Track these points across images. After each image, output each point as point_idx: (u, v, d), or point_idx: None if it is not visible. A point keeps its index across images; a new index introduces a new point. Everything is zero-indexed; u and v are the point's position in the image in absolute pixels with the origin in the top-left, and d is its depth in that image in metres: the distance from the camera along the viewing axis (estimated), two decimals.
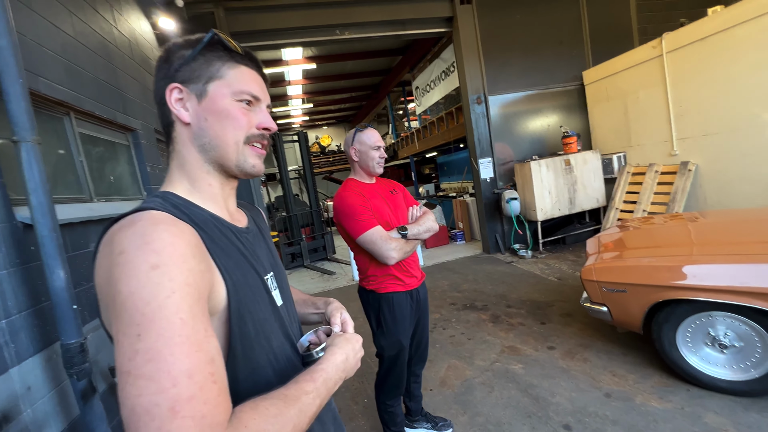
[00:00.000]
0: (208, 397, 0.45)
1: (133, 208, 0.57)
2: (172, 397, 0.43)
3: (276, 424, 0.49)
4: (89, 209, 2.21)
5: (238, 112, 0.64)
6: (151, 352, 0.44)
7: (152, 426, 0.42)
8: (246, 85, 0.65)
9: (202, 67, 0.63)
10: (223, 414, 0.46)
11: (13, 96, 1.54)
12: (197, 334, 0.48)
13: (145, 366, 0.44)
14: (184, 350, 0.46)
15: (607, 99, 5.91)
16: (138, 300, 0.46)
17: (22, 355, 1.52)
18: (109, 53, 2.98)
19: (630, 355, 2.68)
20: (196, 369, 0.46)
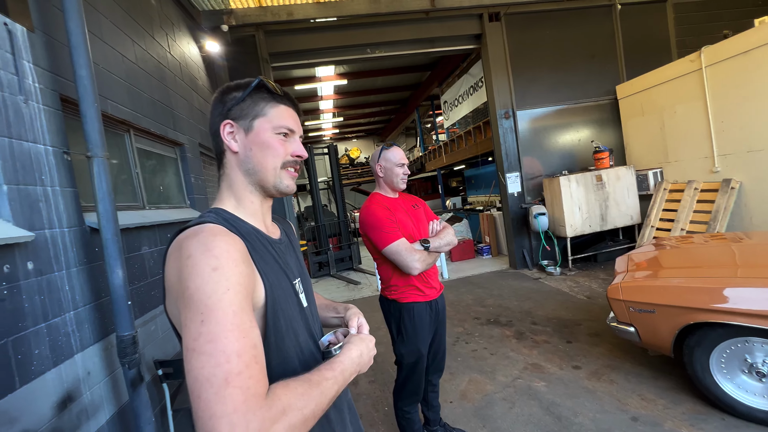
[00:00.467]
0: (252, 373, 0.56)
1: (194, 220, 0.71)
2: (226, 370, 0.54)
3: (302, 400, 0.59)
4: (142, 216, 2.46)
5: (277, 143, 0.78)
6: (211, 335, 0.56)
7: (211, 392, 0.53)
8: (284, 121, 0.79)
9: (249, 107, 0.78)
10: (263, 388, 0.57)
11: (89, 118, 1.79)
12: (245, 323, 0.59)
13: (206, 345, 0.56)
14: (235, 335, 0.57)
15: (642, 113, 5.75)
16: (202, 294, 0.58)
17: (84, 343, 1.73)
18: (163, 75, 3.31)
19: (661, 380, 2.58)
20: (243, 350, 0.57)
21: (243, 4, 4.83)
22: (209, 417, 0.52)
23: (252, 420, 0.52)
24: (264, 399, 0.56)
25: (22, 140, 1.57)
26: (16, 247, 1.45)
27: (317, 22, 5.31)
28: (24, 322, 1.44)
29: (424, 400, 2.17)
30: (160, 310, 2.52)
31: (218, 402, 0.53)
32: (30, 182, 1.58)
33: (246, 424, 0.52)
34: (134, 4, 2.95)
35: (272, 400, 0.56)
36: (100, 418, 1.75)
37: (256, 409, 0.54)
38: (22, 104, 1.60)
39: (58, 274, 1.64)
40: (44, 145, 1.69)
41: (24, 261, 1.48)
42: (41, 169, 1.65)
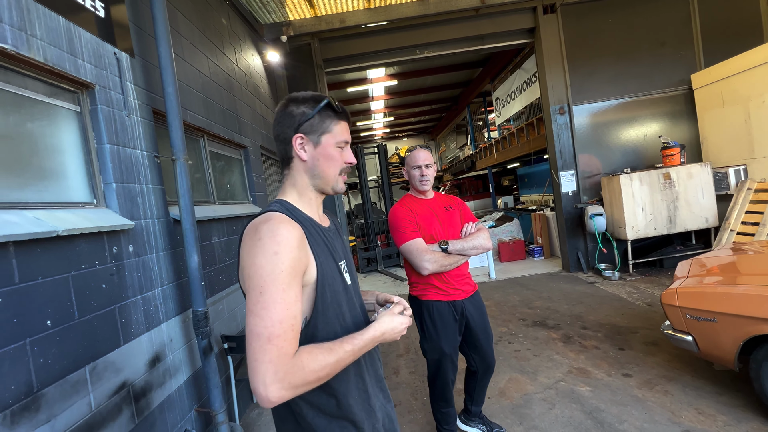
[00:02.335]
0: (287, 337, 0.76)
1: (265, 208, 0.91)
2: (270, 331, 0.74)
3: (319, 363, 0.78)
4: (213, 210, 2.84)
5: (337, 155, 0.94)
6: (265, 303, 0.76)
7: (258, 343, 0.74)
8: (343, 136, 0.95)
9: (318, 124, 0.92)
10: (292, 349, 0.77)
11: (174, 127, 2.13)
12: (290, 298, 0.78)
13: (261, 311, 0.75)
14: (282, 307, 0.76)
15: (722, 104, 5.16)
16: (263, 271, 0.77)
17: (169, 315, 2.08)
18: (231, 86, 3.72)
19: (726, 395, 2.38)
20: (284, 319, 0.76)
21: (300, 15, 5.19)
22: (254, 360, 0.73)
23: (279, 370, 0.72)
24: (291, 357, 0.75)
25: (126, 147, 1.94)
26: (121, 233, 1.80)
27: (368, 28, 5.53)
28: (126, 293, 1.79)
29: (469, 394, 2.20)
30: (227, 292, 2.88)
31: (261, 352, 0.73)
32: (131, 181, 1.95)
33: (275, 371, 0.72)
34: (209, 25, 3.37)
35: (297, 360, 0.75)
36: (180, 377, 2.10)
37: (284, 363, 0.73)
38: (126, 118, 1.97)
39: (150, 256, 2.00)
40: (141, 150, 2.06)
41: (127, 244, 1.83)
42: (139, 170, 2.02)
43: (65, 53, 1.64)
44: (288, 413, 0.90)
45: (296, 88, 5.68)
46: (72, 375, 1.42)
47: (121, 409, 1.65)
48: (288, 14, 5.08)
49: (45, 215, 1.43)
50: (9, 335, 1.21)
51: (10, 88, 1.45)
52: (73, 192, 1.69)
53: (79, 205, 1.68)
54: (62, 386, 1.37)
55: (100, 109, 1.81)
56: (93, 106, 1.80)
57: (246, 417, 2.87)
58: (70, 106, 1.72)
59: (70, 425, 1.38)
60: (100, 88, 1.82)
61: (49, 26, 1.58)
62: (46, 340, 1.34)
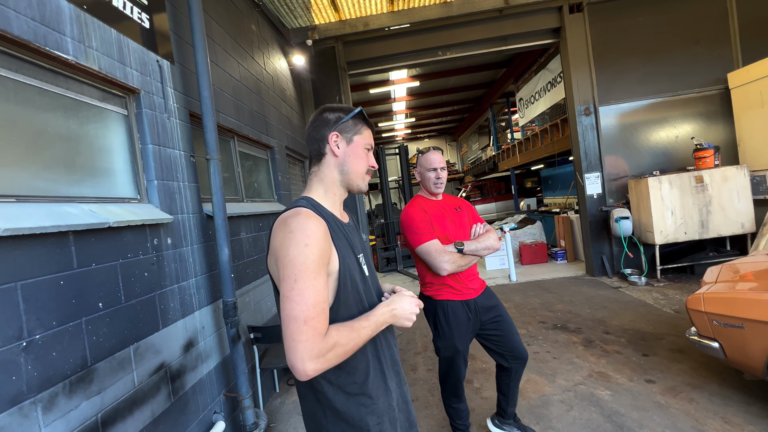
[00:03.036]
0: (320, 318, 0.85)
1: (293, 203, 1.00)
2: (306, 314, 0.84)
3: (345, 338, 0.88)
4: (242, 207, 2.99)
5: (366, 156, 1.07)
6: (300, 290, 0.85)
7: (295, 325, 0.83)
8: (371, 140, 1.10)
9: (351, 126, 1.06)
10: (324, 329, 0.86)
11: (208, 129, 2.28)
12: (320, 285, 0.87)
13: (297, 297, 0.85)
14: (314, 292, 0.86)
15: (761, 104, 4.91)
16: (296, 261, 0.86)
17: (201, 304, 2.22)
18: (259, 89, 3.89)
19: (755, 405, 2.30)
20: (317, 303, 0.86)
21: (325, 20, 5.34)
22: (292, 340, 0.83)
23: (314, 348, 0.82)
24: (323, 336, 0.85)
25: (167, 147, 2.10)
26: (161, 226, 1.96)
27: (391, 30, 5.61)
28: (165, 282, 1.94)
29: (502, 393, 2.16)
30: (253, 285, 3.03)
31: (298, 332, 0.83)
32: (170, 178, 2.10)
33: (312, 348, 0.82)
34: (240, 31, 3.55)
35: (329, 337, 0.85)
36: (210, 363, 2.24)
37: (319, 341, 0.83)
38: (166, 120, 2.13)
39: (186, 248, 2.15)
40: (179, 150, 2.22)
41: (166, 237, 1.99)
42: (177, 168, 2.18)
43: (116, 62, 1.81)
44: (309, 391, 0.99)
45: (320, 91, 5.84)
46: (119, 353, 1.57)
47: (160, 388, 1.79)
48: (314, 18, 5.24)
49: (98, 208, 1.58)
50: (69, 314, 1.37)
51: (70, 94, 1.62)
52: (121, 188, 1.85)
53: (125, 200, 1.84)
54: (111, 362, 1.52)
55: (145, 113, 1.97)
56: (138, 109, 1.96)
57: (269, 405, 3.00)
58: (119, 110, 1.89)
59: (117, 398, 1.53)
60: (145, 93, 1.99)
61: (103, 37, 1.75)
62: (99, 320, 1.49)
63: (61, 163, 1.55)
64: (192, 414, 2.02)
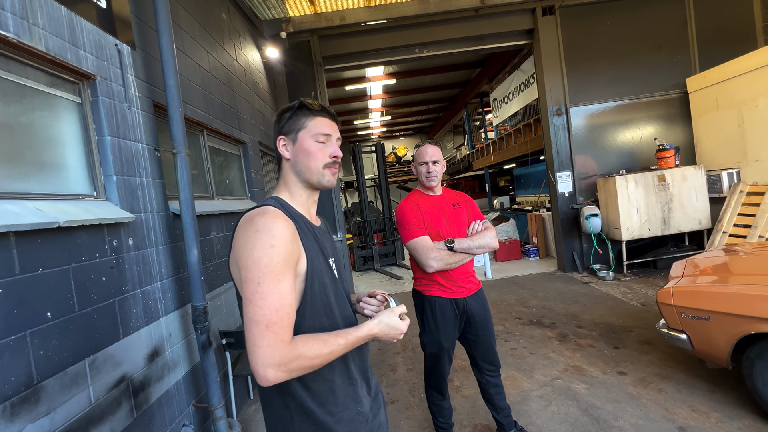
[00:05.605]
0: (283, 324, 0.81)
1: (261, 202, 0.93)
2: (268, 319, 0.79)
3: (312, 351, 0.82)
4: (212, 205, 2.82)
5: (316, 149, 0.97)
6: (263, 293, 0.80)
7: (257, 330, 0.79)
8: (320, 129, 0.98)
9: (294, 123, 0.98)
10: (288, 336, 0.81)
11: (175, 121, 2.12)
12: (285, 288, 0.82)
13: (259, 300, 0.80)
14: (277, 297, 0.81)
15: (716, 108, 5.23)
16: (261, 263, 0.81)
17: (168, 309, 2.06)
18: (231, 81, 3.70)
19: (719, 393, 2.42)
20: (281, 308, 0.81)
21: (300, 12, 5.17)
22: (253, 345, 0.79)
23: (275, 354, 0.78)
24: (288, 344, 0.80)
25: (127, 140, 1.92)
26: (121, 225, 1.79)
27: (368, 26, 5.52)
28: (126, 287, 1.77)
29: (489, 403, 2.14)
30: (225, 288, 2.87)
31: (260, 337, 0.78)
32: (131, 174, 1.93)
33: (272, 355, 0.78)
34: (209, 19, 3.35)
35: (293, 347, 0.81)
36: (178, 372, 2.09)
37: (281, 348, 0.79)
38: (126, 110, 1.95)
39: (150, 250, 1.98)
40: (141, 143, 2.04)
41: (127, 237, 1.82)
42: (139, 163, 2.00)
43: (67, 43, 1.63)
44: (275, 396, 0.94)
45: (295, 85, 5.66)
46: (72, 367, 1.41)
47: (120, 403, 1.63)
48: (288, 10, 5.06)
49: (46, 206, 1.41)
50: (9, 326, 1.20)
51: (12, 77, 1.44)
52: (74, 183, 1.67)
53: (79, 196, 1.67)
54: (62, 378, 1.36)
55: (101, 101, 1.79)
56: (94, 97, 1.78)
57: (243, 413, 2.86)
58: (71, 97, 1.71)
59: (70, 418, 1.37)
60: (102, 80, 1.81)
61: (51, 15, 1.57)
62: (47, 332, 1.33)
63: (0, 155, 1.36)
64: (158, 429, 1.87)
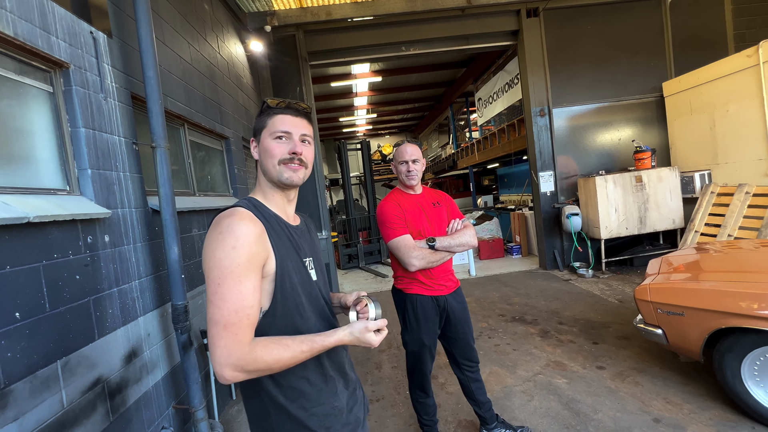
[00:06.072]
0: (242, 325, 0.81)
1: (234, 203, 0.93)
2: (227, 319, 0.80)
3: (273, 356, 0.82)
4: (193, 201, 2.74)
5: (273, 146, 0.97)
6: (223, 294, 0.81)
7: (215, 330, 0.80)
8: (278, 126, 0.97)
9: (259, 123, 1.00)
10: (247, 337, 0.82)
11: (154, 113, 2.04)
12: (246, 290, 0.83)
13: (219, 301, 0.81)
14: (237, 298, 0.82)
15: (690, 112, 5.44)
16: (222, 264, 0.82)
17: (146, 309, 1.99)
18: (213, 74, 3.60)
19: (691, 385, 2.52)
20: (240, 309, 0.81)
21: (285, 6, 5.08)
22: (212, 344, 0.81)
23: (232, 355, 0.79)
24: (246, 345, 0.81)
25: (103, 132, 1.84)
26: (96, 221, 1.71)
27: (354, 21, 5.48)
28: (101, 285, 1.70)
29: (471, 399, 2.17)
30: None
31: (218, 337, 0.80)
32: (107, 168, 1.85)
33: (229, 355, 0.79)
34: (190, 9, 3.25)
35: (251, 349, 0.81)
36: (157, 373, 2.02)
37: (238, 349, 0.80)
38: (102, 101, 1.87)
39: (127, 247, 1.91)
40: (118, 136, 1.96)
41: (102, 234, 1.74)
42: (116, 156, 1.92)
43: (37, 28, 1.54)
44: (252, 390, 0.95)
45: (280, 80, 5.56)
46: (43, 370, 1.34)
47: (95, 406, 1.57)
48: (273, 3, 4.96)
49: (14, 200, 1.33)
50: None
51: None
52: (45, 177, 1.59)
53: (51, 191, 1.59)
54: (32, 382, 1.29)
55: (75, 91, 1.71)
56: (67, 86, 1.70)
57: (225, 413, 2.80)
58: (42, 86, 1.62)
59: (41, 423, 1.31)
60: (75, 68, 1.72)
61: None
62: (15, 334, 1.26)
63: None
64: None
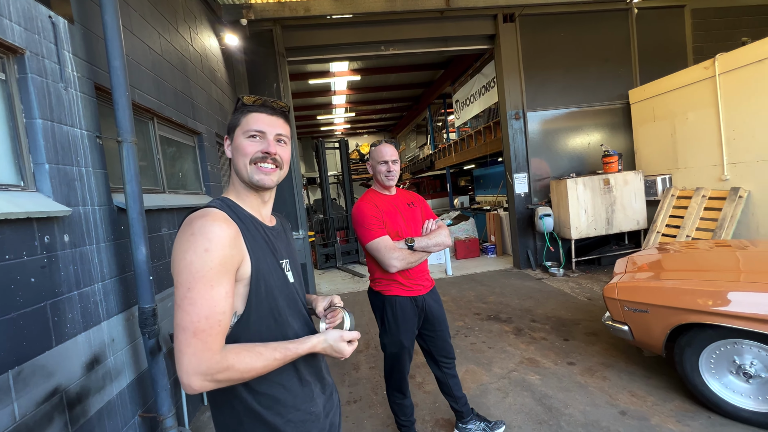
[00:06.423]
0: (212, 332, 0.78)
1: (206, 203, 0.89)
2: (196, 326, 0.76)
3: (243, 363, 0.80)
4: (163, 199, 2.62)
5: (245, 145, 0.93)
6: (192, 299, 0.77)
7: (183, 337, 0.76)
8: (251, 125, 0.94)
9: (233, 121, 0.97)
10: (217, 345, 0.78)
11: (120, 105, 1.93)
12: (219, 295, 0.79)
13: (188, 306, 0.77)
14: (209, 303, 0.78)
15: (653, 119, 5.74)
16: (193, 267, 0.78)
17: (110, 312, 1.88)
18: (185, 67, 3.46)
19: (654, 378, 2.66)
20: (211, 315, 0.78)
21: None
22: (179, 351, 0.76)
23: (201, 364, 0.76)
24: (216, 353, 0.77)
25: (63, 124, 1.72)
26: (55, 220, 1.60)
27: (333, 19, 5.42)
28: (60, 288, 1.59)
29: (448, 395, 2.20)
30: None
31: (186, 345, 0.76)
32: (67, 162, 1.73)
33: (198, 364, 0.76)
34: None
35: (222, 357, 0.78)
36: (122, 381, 1.91)
37: (208, 358, 0.76)
38: (62, 91, 1.75)
39: (89, 247, 1.79)
40: (80, 129, 1.84)
41: (61, 233, 1.63)
42: (77, 151, 1.80)
43: None
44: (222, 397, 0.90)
45: (257, 76, 5.42)
46: None
47: (52, 418, 1.46)
48: None
49: None
50: None
51: None
52: None
53: (2, 186, 1.46)
54: None
55: (31, 79, 1.58)
56: (22, 74, 1.57)
57: (196, 420, 2.70)
58: None
59: None
60: (32, 55, 1.60)
61: None
62: None
63: None
64: None
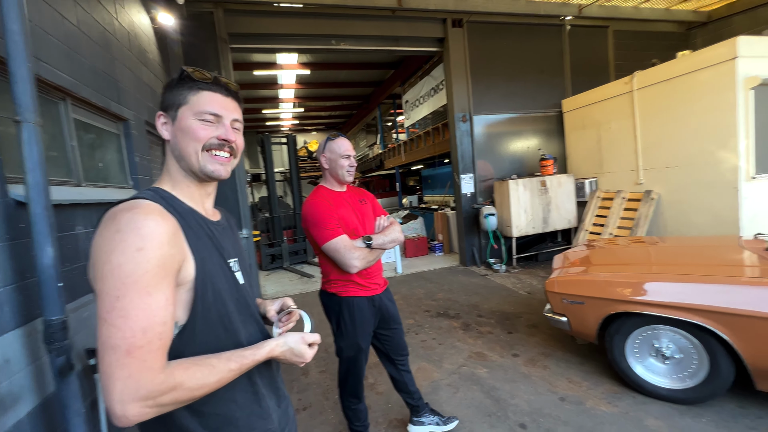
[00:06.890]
0: (152, 348, 0.64)
1: (133, 195, 0.73)
2: (130, 343, 0.63)
3: (195, 380, 0.68)
4: (79, 193, 2.26)
5: (197, 128, 0.80)
6: (123, 311, 0.63)
7: (113, 358, 0.62)
8: (205, 106, 0.81)
9: (174, 97, 0.81)
10: (159, 362, 0.65)
11: (19, 78, 1.61)
12: (158, 303, 0.66)
13: (117, 320, 0.63)
14: (145, 314, 0.64)
15: (582, 127, 6.30)
16: (122, 272, 0.64)
17: (3, 328, 1.56)
18: (108, 44, 3.04)
19: (587, 365, 2.88)
20: (149, 327, 0.64)
21: None
22: (108, 377, 0.60)
23: (142, 387, 0.62)
24: (159, 372, 0.64)
25: None
26: None
27: (281, 7, 5.16)
28: None
29: (403, 392, 2.16)
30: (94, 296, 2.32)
31: (118, 367, 0.62)
32: None
33: (136, 389, 0.62)
34: None
35: (168, 376, 0.65)
36: (20, 409, 1.59)
37: (149, 380, 0.63)
38: None
39: None
40: None
41: None
42: None
43: None
44: (153, 422, 0.74)
45: (195, 60, 4.97)
46: None
47: None
48: None
49: None
50: None
51: None
52: None
53: None
54: None
55: None
56: None
57: None
58: None
59: None
60: None
61: None
62: None
63: None
64: None
